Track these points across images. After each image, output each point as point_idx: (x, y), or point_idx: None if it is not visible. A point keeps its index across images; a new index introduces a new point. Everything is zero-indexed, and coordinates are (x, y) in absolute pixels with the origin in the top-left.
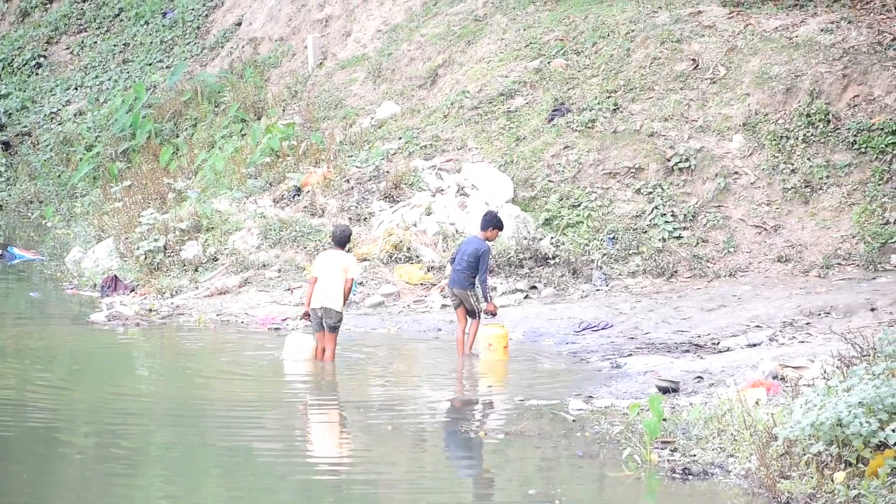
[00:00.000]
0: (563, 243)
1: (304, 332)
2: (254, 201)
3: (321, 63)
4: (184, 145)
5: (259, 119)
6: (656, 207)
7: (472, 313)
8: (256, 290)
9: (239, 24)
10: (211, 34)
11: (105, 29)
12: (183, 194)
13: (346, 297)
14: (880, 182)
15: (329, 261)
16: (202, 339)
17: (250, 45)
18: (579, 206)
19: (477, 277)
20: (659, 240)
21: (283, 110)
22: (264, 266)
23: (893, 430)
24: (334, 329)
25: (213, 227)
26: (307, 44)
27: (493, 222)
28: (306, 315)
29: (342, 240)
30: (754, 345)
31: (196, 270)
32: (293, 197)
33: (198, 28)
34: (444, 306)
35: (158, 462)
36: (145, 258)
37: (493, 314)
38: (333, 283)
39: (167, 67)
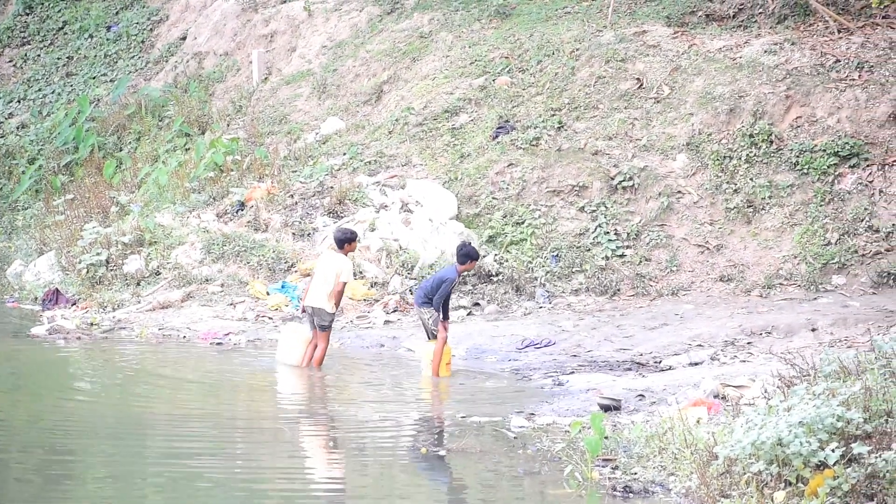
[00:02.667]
0: (507, 260)
1: (298, 324)
2: (197, 216)
3: (266, 78)
4: (127, 159)
5: (203, 133)
6: (600, 226)
7: (427, 334)
8: (199, 304)
9: (184, 39)
10: (155, 48)
11: (49, 42)
12: (126, 208)
13: (338, 300)
14: (822, 203)
15: (326, 261)
16: (144, 354)
17: (195, 59)
18: (523, 223)
19: (434, 299)
20: (602, 258)
21: (228, 125)
22: (207, 281)
23: (833, 450)
24: (323, 328)
25: (155, 242)
26: (252, 59)
27: (470, 255)
28: (304, 310)
29: (339, 242)
30: (696, 363)
31: (138, 284)
32: (237, 212)
33: (142, 42)
34: (387, 322)
35: (98, 477)
36: (87, 272)
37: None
38: (325, 284)
39: (111, 81)
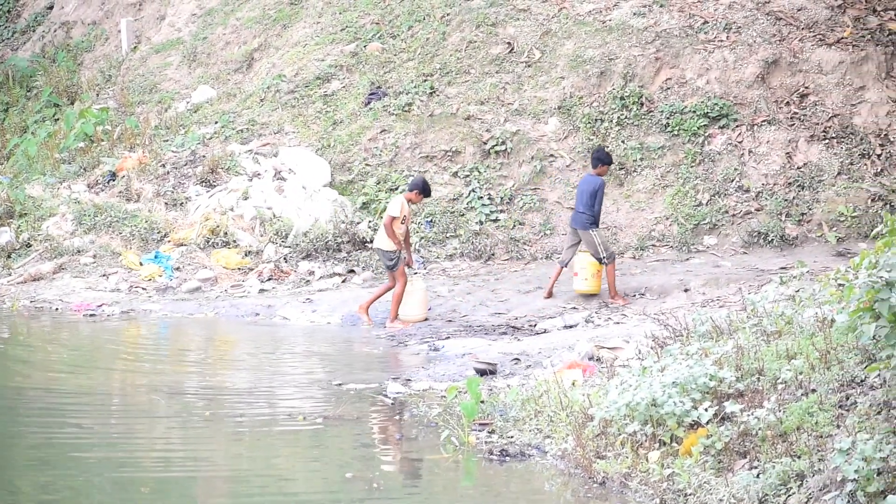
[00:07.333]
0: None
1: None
2: (68, 186)
3: (135, 47)
4: None
5: (72, 104)
6: (473, 190)
7: (598, 260)
8: (71, 276)
9: (51, 8)
10: (22, 18)
11: None
12: None
13: (390, 234)
14: (693, 164)
15: None
16: (16, 327)
17: (63, 28)
18: (397, 189)
19: (595, 209)
20: (476, 223)
21: (97, 95)
22: (79, 252)
23: (706, 409)
24: (388, 268)
25: (26, 213)
26: (121, 27)
27: (602, 159)
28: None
29: (408, 186)
30: (570, 326)
31: (9, 257)
32: (108, 182)
33: (8, 11)
34: (261, 290)
35: None
36: None
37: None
38: (381, 225)
39: None
